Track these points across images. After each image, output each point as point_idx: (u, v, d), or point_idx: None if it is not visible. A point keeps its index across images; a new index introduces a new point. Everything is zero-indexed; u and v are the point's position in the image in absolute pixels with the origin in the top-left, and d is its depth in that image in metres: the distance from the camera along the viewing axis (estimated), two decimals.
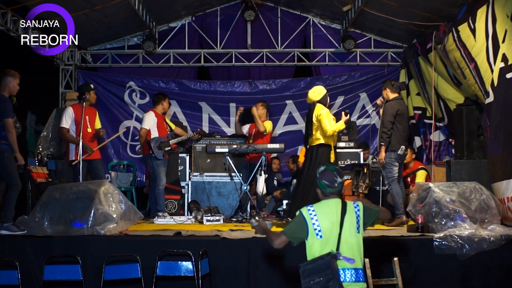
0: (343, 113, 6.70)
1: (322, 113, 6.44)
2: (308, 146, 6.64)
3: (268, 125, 7.88)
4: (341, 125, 6.54)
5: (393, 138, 6.56)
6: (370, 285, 4.71)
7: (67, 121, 6.81)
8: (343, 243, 3.38)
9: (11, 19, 8.26)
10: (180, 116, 10.59)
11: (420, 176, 7.96)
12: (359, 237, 3.44)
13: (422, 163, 8.67)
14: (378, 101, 7.09)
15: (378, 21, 9.48)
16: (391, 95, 6.75)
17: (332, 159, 6.46)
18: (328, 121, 6.41)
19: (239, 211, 7.67)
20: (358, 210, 3.50)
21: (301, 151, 8.60)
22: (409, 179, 8.01)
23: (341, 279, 3.29)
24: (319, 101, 6.57)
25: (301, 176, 6.63)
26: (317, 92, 6.62)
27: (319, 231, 3.41)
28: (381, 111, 7.02)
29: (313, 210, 3.48)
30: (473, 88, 7.08)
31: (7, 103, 5.68)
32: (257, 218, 3.96)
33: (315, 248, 3.42)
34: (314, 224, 3.43)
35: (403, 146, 6.62)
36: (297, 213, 3.56)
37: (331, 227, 3.42)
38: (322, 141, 6.47)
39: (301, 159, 7.84)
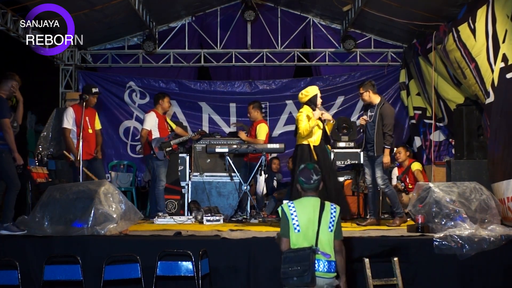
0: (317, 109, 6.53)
1: (300, 113, 6.49)
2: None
3: (261, 132, 7.90)
4: (312, 121, 6.37)
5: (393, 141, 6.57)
6: (370, 285, 4.72)
7: (69, 121, 6.79)
8: (320, 239, 3.74)
9: (11, 19, 8.26)
10: (180, 116, 10.59)
11: (415, 167, 7.99)
12: (331, 235, 3.78)
13: (412, 158, 8.66)
14: (362, 121, 6.62)
15: (378, 21, 9.48)
16: (374, 96, 6.58)
17: (315, 157, 6.40)
18: (304, 121, 6.39)
19: (239, 211, 7.67)
20: (335, 212, 3.83)
21: None
22: (407, 178, 8.01)
23: (315, 268, 3.68)
24: (306, 103, 6.55)
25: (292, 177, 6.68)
26: (304, 94, 6.61)
27: (297, 225, 3.77)
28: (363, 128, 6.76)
29: (293, 206, 3.83)
30: (473, 88, 7.08)
31: (4, 103, 5.69)
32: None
33: (292, 240, 3.77)
34: (293, 219, 3.78)
35: (395, 148, 6.63)
36: (279, 209, 3.89)
37: (308, 223, 3.76)
38: (299, 141, 6.54)
39: None
